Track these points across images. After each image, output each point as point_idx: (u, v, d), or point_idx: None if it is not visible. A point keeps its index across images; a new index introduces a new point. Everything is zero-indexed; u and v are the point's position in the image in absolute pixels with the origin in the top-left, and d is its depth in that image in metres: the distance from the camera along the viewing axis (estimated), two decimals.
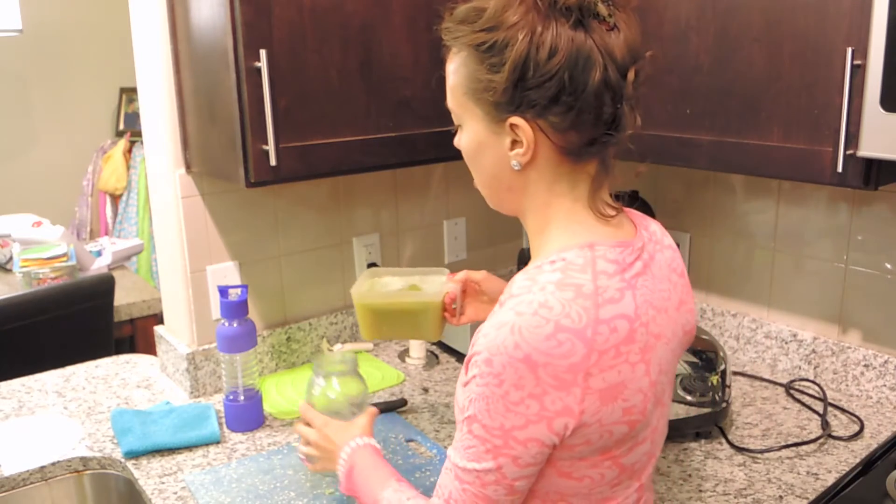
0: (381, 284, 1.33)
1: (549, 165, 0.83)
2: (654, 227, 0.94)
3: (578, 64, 0.76)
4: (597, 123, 0.79)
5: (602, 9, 0.77)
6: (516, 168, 0.83)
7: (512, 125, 0.81)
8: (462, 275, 1.26)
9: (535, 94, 0.78)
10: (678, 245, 1.87)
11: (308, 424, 1.17)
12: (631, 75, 0.78)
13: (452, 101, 0.88)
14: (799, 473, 1.31)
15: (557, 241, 0.84)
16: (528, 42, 0.76)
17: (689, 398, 1.37)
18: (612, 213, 0.86)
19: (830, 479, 1.29)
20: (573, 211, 0.85)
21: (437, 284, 1.29)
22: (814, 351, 1.64)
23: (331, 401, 1.22)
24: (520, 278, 0.81)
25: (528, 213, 0.88)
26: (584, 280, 0.77)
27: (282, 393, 1.61)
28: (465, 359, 0.81)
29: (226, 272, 1.63)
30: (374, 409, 1.17)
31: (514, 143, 0.82)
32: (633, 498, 0.89)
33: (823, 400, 1.55)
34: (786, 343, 1.69)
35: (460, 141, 0.90)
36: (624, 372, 0.78)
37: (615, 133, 0.80)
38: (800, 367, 1.67)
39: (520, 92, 0.78)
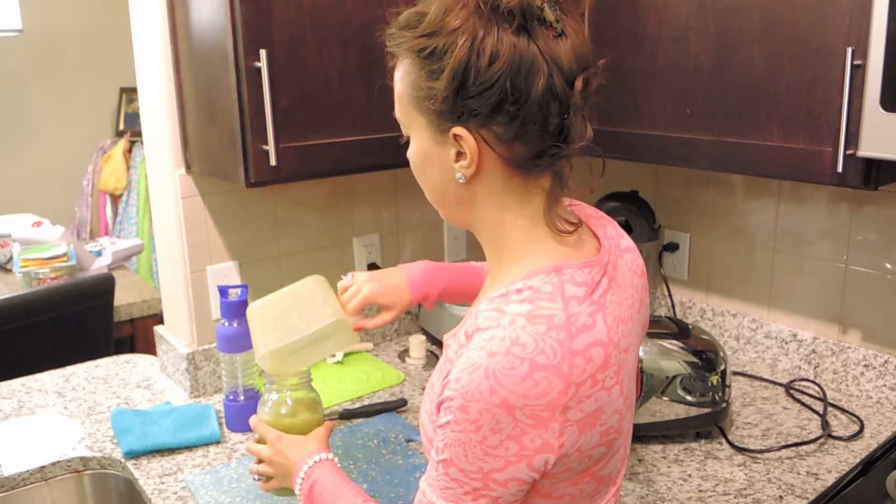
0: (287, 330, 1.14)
1: (497, 179, 0.79)
2: (612, 229, 0.89)
3: (521, 71, 0.72)
4: (543, 135, 0.75)
5: (549, 14, 0.73)
6: (461, 181, 0.79)
7: (455, 136, 0.77)
8: (358, 306, 1.14)
9: (476, 103, 0.74)
10: (678, 245, 1.89)
11: (261, 441, 1.12)
12: (578, 84, 0.74)
13: (399, 110, 0.84)
14: (799, 473, 1.31)
15: (519, 264, 0.80)
16: (469, 48, 0.72)
17: (689, 398, 1.37)
18: (571, 228, 0.81)
19: (830, 479, 1.29)
20: (529, 229, 0.81)
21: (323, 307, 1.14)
22: (814, 351, 1.64)
23: (283, 416, 1.15)
24: (484, 308, 0.77)
25: (481, 229, 0.84)
26: (554, 310, 0.74)
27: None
28: (436, 399, 0.78)
29: (226, 272, 1.63)
30: (330, 423, 1.13)
31: (459, 155, 0.78)
32: (612, 503, 0.88)
33: (823, 400, 1.55)
34: (786, 343, 1.69)
35: (409, 152, 0.86)
36: (601, 398, 0.75)
37: (564, 145, 0.76)
38: (800, 367, 1.67)
39: (461, 100, 0.74)
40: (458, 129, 0.76)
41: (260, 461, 1.11)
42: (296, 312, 1.16)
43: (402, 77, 0.81)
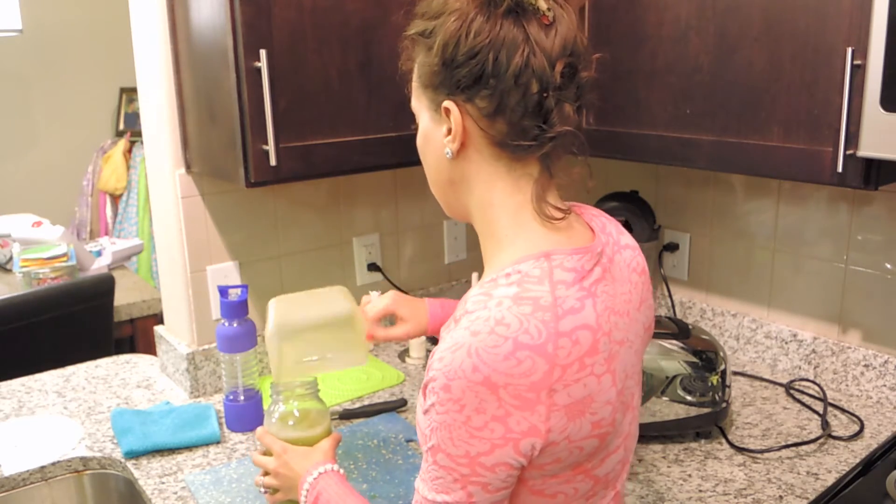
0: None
1: (484, 158, 0.82)
2: (611, 227, 0.90)
3: (504, 46, 0.76)
4: (524, 113, 0.77)
5: (541, 2, 0.77)
6: (448, 156, 0.82)
7: (445, 109, 0.80)
8: (378, 312, 1.21)
9: (461, 72, 0.78)
10: (678, 245, 1.89)
11: (267, 453, 1.12)
12: (559, 66, 0.77)
13: (412, 96, 0.88)
14: (799, 473, 1.31)
15: (509, 250, 0.81)
16: (459, 25, 0.77)
17: (689, 398, 1.37)
18: (560, 215, 0.82)
19: (830, 479, 1.29)
20: (518, 214, 0.82)
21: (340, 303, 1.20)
22: (814, 351, 1.64)
23: (290, 428, 1.15)
24: (474, 293, 0.78)
25: (474, 214, 0.86)
26: (541, 292, 0.75)
27: None
28: (422, 384, 0.78)
29: (226, 272, 1.63)
30: (337, 434, 1.13)
31: (449, 131, 0.82)
32: None
33: (823, 400, 1.55)
34: (786, 343, 1.69)
35: (417, 138, 0.90)
36: (590, 385, 0.75)
37: (546, 126, 0.78)
38: (800, 367, 1.67)
39: (449, 70, 0.79)
40: (447, 102, 0.80)
41: (266, 473, 1.11)
42: (315, 304, 1.20)
43: (415, 61, 0.86)
